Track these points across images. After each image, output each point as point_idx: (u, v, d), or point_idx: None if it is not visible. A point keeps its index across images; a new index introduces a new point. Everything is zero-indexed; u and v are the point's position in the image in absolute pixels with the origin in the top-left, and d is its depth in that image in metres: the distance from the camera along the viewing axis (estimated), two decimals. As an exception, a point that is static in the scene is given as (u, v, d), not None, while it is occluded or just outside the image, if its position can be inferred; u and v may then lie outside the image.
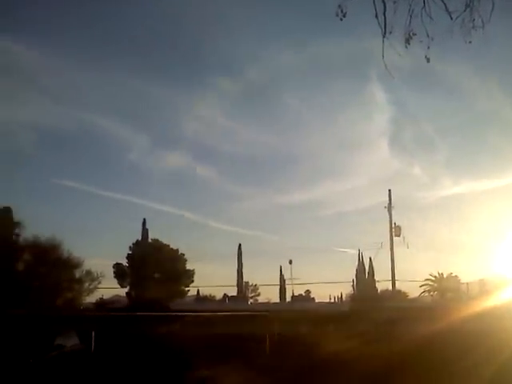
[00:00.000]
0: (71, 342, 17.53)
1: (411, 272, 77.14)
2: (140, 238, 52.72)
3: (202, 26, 64.46)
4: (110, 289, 47.20)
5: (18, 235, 30.05)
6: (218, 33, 66.16)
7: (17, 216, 30.79)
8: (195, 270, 52.91)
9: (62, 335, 17.44)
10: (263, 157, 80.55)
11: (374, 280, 53.46)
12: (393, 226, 38.90)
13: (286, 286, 66.08)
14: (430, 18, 6.13)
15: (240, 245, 63.16)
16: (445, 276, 49.47)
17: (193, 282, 53.37)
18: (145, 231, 53.27)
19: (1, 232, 27.55)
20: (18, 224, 30.42)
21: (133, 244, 51.91)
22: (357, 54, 58.80)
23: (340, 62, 67.41)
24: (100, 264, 48.44)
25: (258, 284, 70.10)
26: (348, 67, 68.16)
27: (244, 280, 64.86)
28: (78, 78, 64.78)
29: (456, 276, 48.38)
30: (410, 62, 6.63)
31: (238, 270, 62.93)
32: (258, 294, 70.74)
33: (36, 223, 55.24)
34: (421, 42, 6.30)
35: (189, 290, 54.84)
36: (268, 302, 61.03)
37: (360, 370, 14.04)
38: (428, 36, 6.22)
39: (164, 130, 75.44)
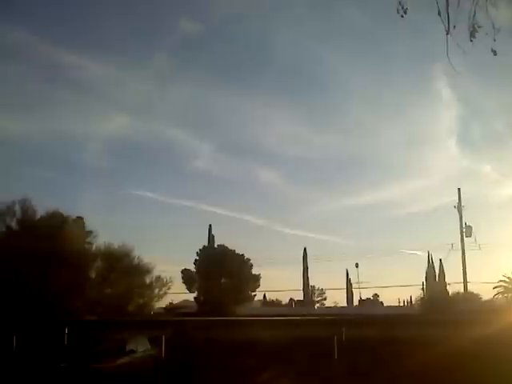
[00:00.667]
0: (142, 347, 17.93)
1: (484, 273, 74.55)
2: (206, 244, 53.51)
3: (265, 31, 64.88)
4: (178, 294, 48.26)
5: (90, 244, 31.19)
6: (283, 37, 66.24)
7: (89, 225, 32.01)
8: (261, 275, 53.27)
9: (134, 340, 17.85)
10: (328, 159, 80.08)
11: (445, 283, 51.78)
12: (463, 226, 37.66)
13: (353, 290, 65.25)
14: (496, 8, 5.88)
15: (305, 248, 62.88)
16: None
17: (259, 286, 53.66)
18: (211, 237, 53.99)
19: (74, 241, 28.61)
20: (90, 233, 31.57)
21: (199, 250, 52.77)
22: (421, 50, 57.58)
23: (404, 60, 66.02)
24: (169, 270, 49.48)
25: (324, 288, 69.64)
26: (412, 64, 66.69)
27: (310, 284, 64.51)
28: (146, 90, 66.90)
29: (531, 277, 46.27)
30: (475, 57, 6.35)
31: (303, 274, 62.59)
32: (325, 299, 70.21)
33: (107, 232, 57.13)
34: (486, 34, 6.05)
35: (255, 295, 55.20)
36: (335, 307, 60.45)
37: (434, 376, 13.68)
38: (494, 28, 5.97)
39: (229, 137, 76.61)
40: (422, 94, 71.53)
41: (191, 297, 51.83)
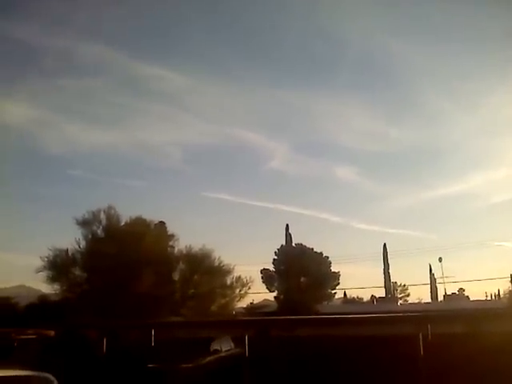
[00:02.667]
0: (226, 346, 18.28)
1: None
2: (284, 243, 53.71)
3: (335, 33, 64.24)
4: (259, 294, 48.77)
5: (172, 247, 32.07)
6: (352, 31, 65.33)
7: (170, 229, 32.95)
8: (340, 273, 52.80)
9: (218, 340, 18.22)
10: (405, 152, 78.21)
11: (537, 274, 49.12)
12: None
13: (438, 285, 63.32)
14: None
15: (385, 244, 61.73)
16: None
17: (338, 284, 53.22)
18: (288, 236, 54.17)
19: (157, 245, 29.53)
20: (171, 236, 32.46)
21: (277, 249, 53.06)
22: (501, 35, 55.02)
23: (482, 45, 63.23)
24: (248, 270, 50.15)
25: (406, 284, 68.01)
26: (491, 49, 63.75)
27: (392, 280, 63.23)
28: (216, 94, 68.18)
29: None
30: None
31: (384, 271, 61.51)
32: (408, 295, 68.57)
33: (188, 235, 58.78)
34: None
35: (335, 293, 54.79)
36: (419, 303, 58.84)
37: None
38: None
39: (303, 136, 76.54)
40: (504, 78, 68.08)
41: (271, 296, 52.29)
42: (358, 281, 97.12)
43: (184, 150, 73.03)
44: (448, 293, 62.38)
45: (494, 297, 58.59)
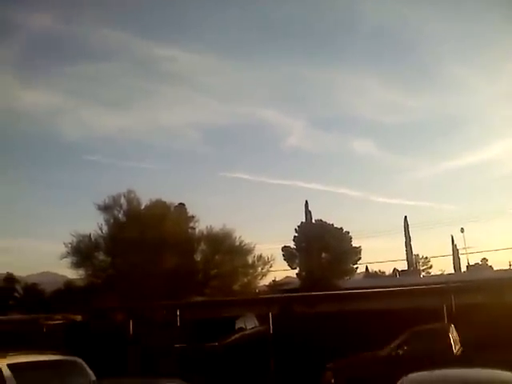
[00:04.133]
0: (251, 324, 18.46)
1: None
2: (304, 220, 53.71)
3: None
4: (281, 271, 49.01)
5: (193, 228, 32.33)
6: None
7: (190, 210, 33.17)
8: (362, 247, 52.75)
9: (242, 318, 18.40)
10: (424, 123, 77.26)
11: (561, 241, 48.61)
12: None
13: (460, 256, 62.91)
14: None
15: (406, 217, 61.38)
16: None
17: (360, 258, 53.21)
18: (308, 213, 54.12)
19: (178, 227, 29.76)
20: (192, 218, 32.70)
21: (298, 226, 53.10)
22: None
23: (501, 11, 61.48)
24: (269, 248, 50.42)
25: (429, 256, 67.70)
26: (507, 15, 61.93)
27: (414, 253, 62.99)
28: (231, 72, 67.75)
29: None
30: None
31: (406, 244, 61.26)
32: (430, 267, 68.24)
33: (209, 215, 59.10)
34: None
35: (357, 268, 54.81)
36: (442, 274, 58.59)
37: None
38: None
39: (320, 111, 75.97)
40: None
41: (293, 273, 52.51)
42: (379, 255, 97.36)
43: (201, 131, 73.39)
44: (471, 263, 62.00)
45: (518, 265, 58.06)
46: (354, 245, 52.20)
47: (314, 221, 53.24)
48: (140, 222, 28.26)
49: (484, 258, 65.00)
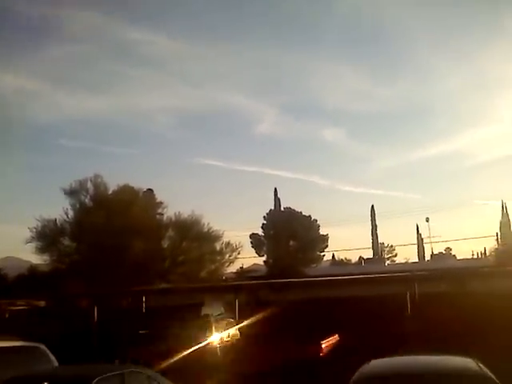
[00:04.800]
0: (217, 311, 18.51)
1: None
2: (273, 208, 53.93)
3: None
4: (248, 258, 49.18)
5: (161, 214, 32.09)
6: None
7: (159, 196, 32.92)
8: (329, 235, 53.30)
9: (208, 305, 18.43)
10: (393, 112, 77.90)
11: (521, 232, 50.05)
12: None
13: (425, 245, 64.20)
14: None
15: (373, 206, 62.23)
16: None
17: (327, 246, 53.79)
18: (277, 200, 54.34)
19: (145, 213, 29.52)
20: (160, 204, 32.46)
21: (266, 214, 53.31)
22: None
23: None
24: (237, 235, 50.52)
25: (394, 245, 68.87)
26: (483, 3, 62.60)
27: (379, 241, 63.98)
28: (205, 58, 67.14)
29: None
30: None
31: (372, 232, 62.13)
32: (395, 255, 69.47)
33: (177, 202, 58.81)
34: None
35: (324, 255, 55.41)
36: (406, 263, 59.71)
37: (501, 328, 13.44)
38: None
39: (291, 98, 75.91)
40: (494, 34, 67.17)
41: (261, 260, 52.77)
42: (346, 243, 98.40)
43: (172, 116, 72.60)
44: (435, 252, 63.38)
45: (480, 255, 59.64)
46: (321, 233, 52.77)
47: (282, 208, 53.53)
48: (107, 208, 27.92)
49: (448, 248, 66.59)
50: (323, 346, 14.49)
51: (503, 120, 75.16)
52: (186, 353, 13.74)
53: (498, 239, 51.98)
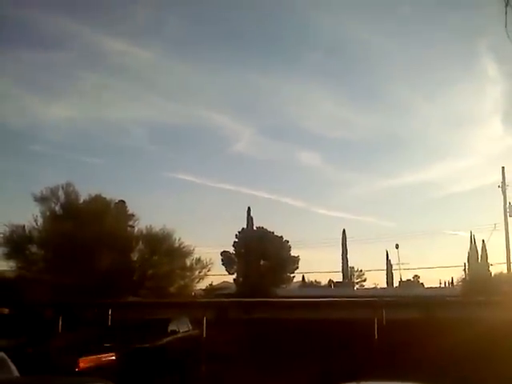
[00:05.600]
0: (184, 327, 18.29)
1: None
2: (245, 226, 53.87)
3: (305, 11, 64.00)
4: (218, 276, 48.86)
5: (132, 227, 31.78)
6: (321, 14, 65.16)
7: (131, 208, 32.62)
8: (300, 257, 53.44)
9: (176, 321, 18.21)
10: (369, 140, 78.65)
11: (488, 263, 50.76)
12: (507, 205, 36.71)
13: (393, 271, 64.73)
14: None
15: (344, 230, 62.60)
16: None
17: (297, 268, 53.87)
18: (250, 219, 54.28)
19: (116, 224, 29.20)
20: (131, 216, 32.17)
21: (238, 232, 53.22)
22: (465, 25, 55.63)
23: (447, 35, 63.67)
24: (208, 252, 50.16)
25: (363, 269, 69.29)
26: (456, 40, 64.26)
27: (349, 265, 64.31)
28: (184, 73, 67.15)
29: None
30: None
31: (342, 256, 62.43)
32: (364, 280, 69.97)
33: (149, 215, 58.24)
34: None
35: (294, 277, 55.44)
36: (375, 288, 60.13)
37: (464, 355, 13.62)
38: None
39: (270, 119, 76.12)
40: (466, 70, 68.83)
41: (231, 278, 52.54)
42: (316, 265, 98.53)
43: (147, 129, 71.85)
44: (403, 279, 63.89)
45: (447, 284, 60.29)
46: (292, 254, 52.88)
47: (255, 227, 53.51)
48: (77, 217, 27.53)
49: (416, 275, 67.24)
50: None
51: (473, 154, 77.07)
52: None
53: (465, 270, 52.67)
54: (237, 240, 52.87)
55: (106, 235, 26.82)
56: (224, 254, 52.91)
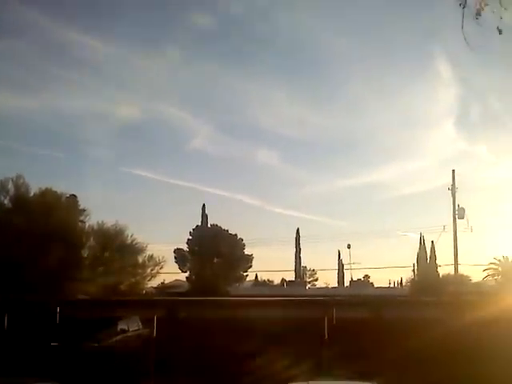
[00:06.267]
0: (134, 326, 18.02)
1: (475, 256, 75.17)
2: (200, 224, 53.63)
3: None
4: (171, 274, 48.45)
5: (83, 222, 31.20)
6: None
7: (82, 203, 32.00)
8: (253, 255, 53.59)
9: (125, 320, 17.93)
10: (325, 140, 79.85)
11: (436, 264, 52.28)
12: (456, 208, 37.74)
13: (345, 271, 65.80)
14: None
15: (298, 229, 63.18)
16: (510, 259, 47.80)
17: (251, 266, 54.03)
18: (204, 216, 54.12)
19: (67, 219, 28.58)
20: (83, 211, 31.57)
21: (193, 229, 52.94)
22: (421, 29, 56.84)
23: (403, 38, 64.93)
24: (162, 249, 49.71)
25: (315, 269, 70.10)
26: (412, 43, 65.64)
27: (302, 265, 64.95)
28: (144, 68, 66.23)
29: (522, 260, 46.73)
30: (478, 36, 6.27)
31: (295, 255, 63.01)
32: (316, 279, 70.81)
33: (101, 210, 57.29)
34: (493, 12, 5.99)
35: (247, 275, 55.58)
36: (326, 287, 60.91)
37: (411, 354, 13.98)
38: (501, 6, 5.92)
39: (227, 117, 76.04)
40: (421, 72, 70.57)
41: (183, 276, 52.19)
42: (270, 264, 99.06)
43: (103, 122, 70.48)
44: (354, 279, 65.01)
45: (396, 284, 61.74)
46: (246, 252, 52.96)
47: (209, 225, 53.34)
48: (27, 210, 26.83)
49: (366, 275, 68.55)
50: None
51: (425, 156, 79.20)
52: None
53: (414, 270, 54.05)
54: (191, 237, 52.58)
55: (56, 230, 26.21)
56: (177, 251, 52.52)
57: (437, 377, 13.85)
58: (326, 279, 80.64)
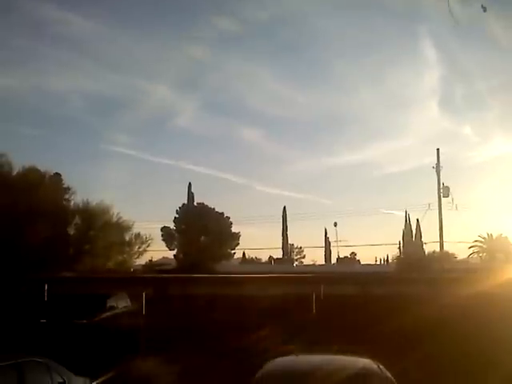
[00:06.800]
0: (123, 303, 18.05)
1: (460, 233, 76.14)
2: (186, 202, 53.54)
3: None
4: (158, 251, 48.49)
5: (68, 200, 30.97)
6: None
7: (67, 181, 31.73)
8: (241, 233, 53.74)
9: (114, 297, 17.94)
10: (310, 118, 79.62)
11: (422, 242, 52.80)
12: (441, 186, 38.05)
13: (332, 249, 66.31)
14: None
15: (285, 207, 63.35)
16: (494, 237, 48.43)
17: (238, 244, 54.19)
18: (190, 195, 54.01)
19: (51, 197, 28.34)
20: (68, 189, 31.33)
21: (179, 208, 52.85)
22: (404, 8, 56.68)
23: (389, 18, 64.67)
24: (148, 227, 49.61)
25: (303, 246, 70.56)
26: (397, 23, 65.41)
27: (289, 242, 65.28)
28: (127, 44, 65.29)
29: (506, 237, 47.28)
30: (462, 16, 6.22)
31: (283, 233, 63.25)
32: (304, 257, 71.25)
33: (86, 188, 56.93)
34: None
35: (234, 253, 55.78)
36: (313, 264, 61.38)
37: (397, 330, 14.16)
38: None
39: (212, 95, 75.47)
40: (406, 53, 70.55)
41: (171, 254, 52.28)
42: (257, 241, 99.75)
43: (86, 100, 69.70)
44: (341, 256, 65.60)
45: (383, 261, 62.37)
46: (233, 230, 53.08)
47: (195, 203, 53.28)
48: (10, 189, 26.51)
49: (353, 252, 69.18)
50: None
51: (410, 135, 79.50)
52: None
53: (400, 247, 54.61)
54: (177, 215, 52.52)
55: (41, 208, 26.00)
56: (164, 229, 52.48)
57: (423, 351, 14.08)
58: (314, 256, 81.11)
